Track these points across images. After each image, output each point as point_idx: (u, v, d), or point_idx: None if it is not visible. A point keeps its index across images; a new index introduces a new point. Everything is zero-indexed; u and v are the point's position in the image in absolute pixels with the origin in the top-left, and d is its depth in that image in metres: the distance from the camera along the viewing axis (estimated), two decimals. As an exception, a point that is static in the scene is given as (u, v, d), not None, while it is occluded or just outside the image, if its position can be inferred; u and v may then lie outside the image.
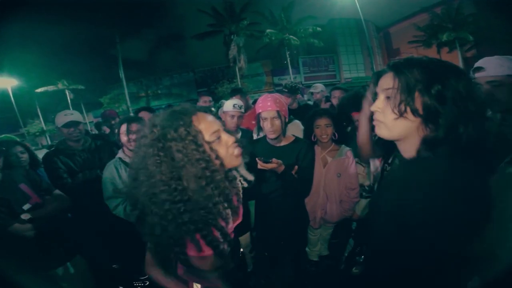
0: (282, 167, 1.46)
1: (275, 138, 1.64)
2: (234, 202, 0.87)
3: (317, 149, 2.04)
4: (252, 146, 1.75)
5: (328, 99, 3.39)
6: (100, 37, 20.70)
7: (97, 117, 19.73)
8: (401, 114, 0.70)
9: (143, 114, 2.72)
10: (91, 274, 1.82)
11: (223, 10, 20.43)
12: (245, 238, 1.78)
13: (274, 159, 1.42)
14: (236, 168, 0.89)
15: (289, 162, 1.55)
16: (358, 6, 16.47)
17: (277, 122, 1.56)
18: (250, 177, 0.94)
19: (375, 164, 1.85)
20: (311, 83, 5.37)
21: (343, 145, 2.02)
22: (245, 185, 0.94)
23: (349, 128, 2.23)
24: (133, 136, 1.82)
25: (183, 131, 0.72)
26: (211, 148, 0.76)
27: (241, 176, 0.93)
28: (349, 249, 2.51)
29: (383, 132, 0.77)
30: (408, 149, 0.76)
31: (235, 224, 0.96)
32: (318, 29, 20.90)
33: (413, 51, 25.33)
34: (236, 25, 20.41)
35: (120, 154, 1.90)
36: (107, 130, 4.44)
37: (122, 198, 1.74)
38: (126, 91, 21.97)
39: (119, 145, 1.98)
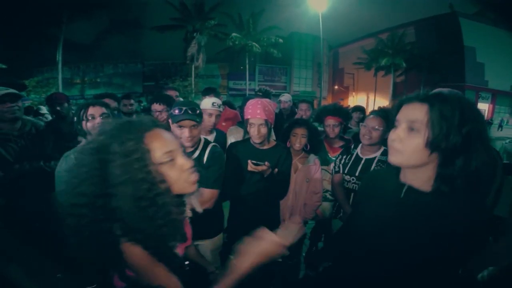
0: (270, 170, 1.53)
1: (260, 142, 1.69)
2: (181, 228, 0.81)
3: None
4: (235, 147, 1.77)
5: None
6: (44, 14, 17.11)
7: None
8: (430, 148, 0.70)
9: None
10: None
11: (192, 6, 19.65)
12: (218, 239, 1.74)
13: (267, 162, 1.47)
14: (187, 195, 0.82)
15: (271, 165, 1.61)
16: (320, 23, 17.61)
17: (264, 130, 1.63)
18: (199, 209, 0.88)
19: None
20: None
21: (312, 154, 2.15)
22: (189, 214, 0.88)
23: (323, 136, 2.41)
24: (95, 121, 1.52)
25: (130, 147, 0.66)
26: (158, 170, 0.70)
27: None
28: (305, 249, 2.65)
29: (398, 159, 0.78)
30: (421, 179, 0.78)
31: (183, 247, 0.91)
32: (280, 40, 21.35)
33: (355, 72, 28.33)
34: (201, 23, 19.72)
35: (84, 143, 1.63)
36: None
37: None
38: (60, 76, 19.11)
39: (71, 133, 1.65)
